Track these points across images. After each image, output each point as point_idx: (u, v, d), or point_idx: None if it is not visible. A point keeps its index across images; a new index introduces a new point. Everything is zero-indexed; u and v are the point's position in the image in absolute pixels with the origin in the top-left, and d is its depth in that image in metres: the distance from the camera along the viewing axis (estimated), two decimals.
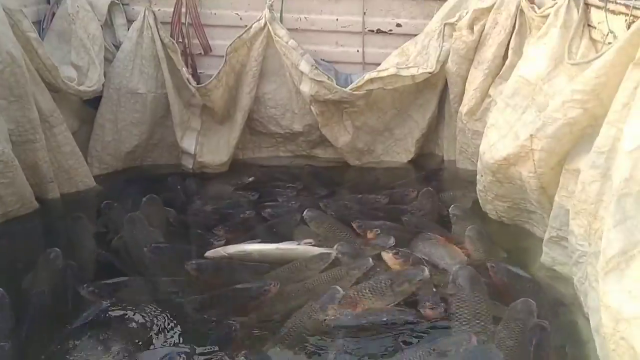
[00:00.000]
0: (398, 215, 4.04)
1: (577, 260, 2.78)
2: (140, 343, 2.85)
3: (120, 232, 3.84)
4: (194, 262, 3.41)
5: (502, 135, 3.43)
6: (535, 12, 3.71)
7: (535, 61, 3.31)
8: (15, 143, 3.99)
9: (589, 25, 3.17)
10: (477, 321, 2.83)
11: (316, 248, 3.61)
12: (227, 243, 3.72)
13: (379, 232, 3.71)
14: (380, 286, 3.07)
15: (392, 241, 3.62)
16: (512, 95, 3.43)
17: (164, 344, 2.84)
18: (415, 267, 3.27)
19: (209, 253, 3.55)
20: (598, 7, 3.06)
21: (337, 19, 5.02)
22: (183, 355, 2.70)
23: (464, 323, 2.85)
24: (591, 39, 3.14)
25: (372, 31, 5.02)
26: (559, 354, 2.73)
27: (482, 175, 3.68)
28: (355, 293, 3.06)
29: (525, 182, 3.26)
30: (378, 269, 3.33)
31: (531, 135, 3.05)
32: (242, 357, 2.67)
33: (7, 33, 3.84)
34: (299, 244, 3.65)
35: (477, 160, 4.45)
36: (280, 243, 3.66)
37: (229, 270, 3.43)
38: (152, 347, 2.84)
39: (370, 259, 3.34)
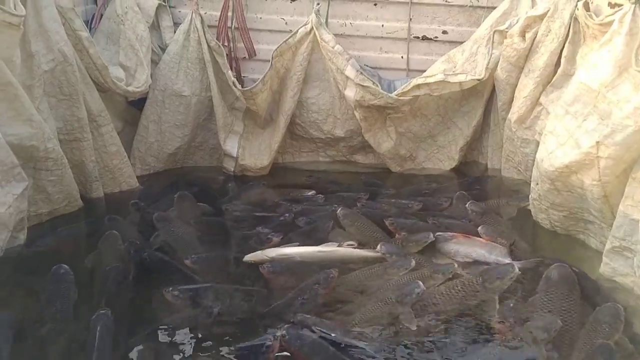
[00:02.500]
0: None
1: None
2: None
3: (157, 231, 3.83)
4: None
5: (560, 142, 3.37)
6: (593, 19, 3.65)
7: (598, 68, 3.25)
8: (63, 141, 4.01)
9: None
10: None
11: (358, 250, 3.57)
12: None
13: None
14: (472, 284, 3.02)
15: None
16: (572, 103, 3.36)
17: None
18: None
19: (249, 257, 3.49)
20: None
21: (382, 25, 5.00)
22: None
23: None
24: None
25: (418, 38, 5.00)
26: None
27: (537, 184, 3.62)
28: (446, 289, 3.02)
29: (587, 191, 3.20)
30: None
31: (597, 143, 3.00)
32: None
33: (59, 31, 3.88)
34: (339, 246, 3.60)
35: (523, 169, 4.44)
36: (321, 245, 3.62)
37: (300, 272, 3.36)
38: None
39: (455, 263, 3.28)
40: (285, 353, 2.67)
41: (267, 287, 3.30)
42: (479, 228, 3.72)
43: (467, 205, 4.08)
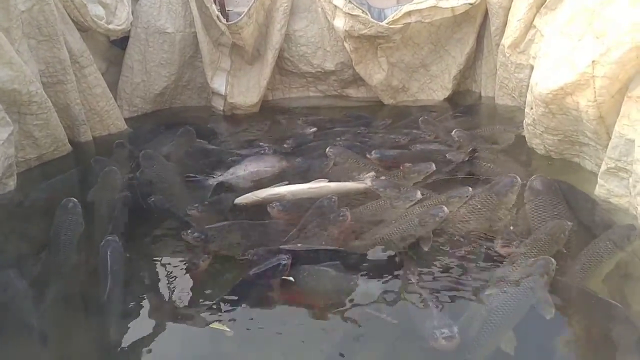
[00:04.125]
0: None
1: None
2: None
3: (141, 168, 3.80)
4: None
5: (556, 64, 3.28)
6: None
7: None
8: (46, 84, 3.92)
9: None
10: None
11: (349, 183, 3.54)
12: None
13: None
14: (490, 199, 3.09)
15: (432, 166, 3.55)
16: (567, 23, 3.26)
17: None
18: (505, 176, 3.26)
19: (240, 199, 3.43)
20: None
21: None
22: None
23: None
24: None
25: None
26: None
27: (532, 108, 3.55)
28: (471, 209, 3.06)
29: (583, 112, 3.14)
30: None
31: (593, 62, 2.92)
32: None
33: None
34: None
35: (517, 95, 4.37)
36: (312, 182, 3.59)
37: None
38: None
39: (470, 188, 3.22)
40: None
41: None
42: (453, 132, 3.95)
43: (453, 133, 4.09)
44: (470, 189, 3.22)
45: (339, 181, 3.53)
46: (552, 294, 2.43)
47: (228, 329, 2.34)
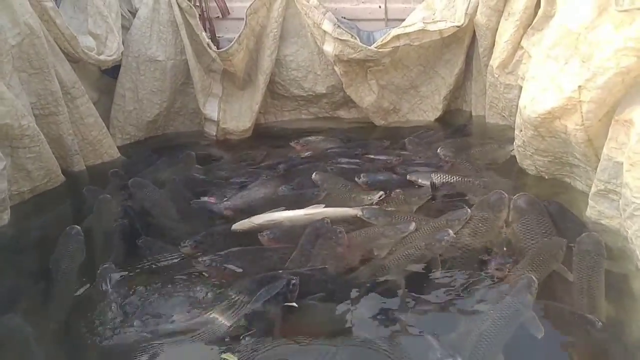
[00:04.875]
0: None
1: (632, 213, 2.71)
2: None
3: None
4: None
5: (543, 87, 3.32)
6: None
7: (578, 9, 3.16)
8: (38, 116, 3.92)
9: None
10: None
11: (346, 209, 3.54)
12: None
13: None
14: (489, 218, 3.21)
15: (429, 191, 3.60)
16: (553, 46, 3.30)
17: None
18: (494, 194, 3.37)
19: (236, 225, 3.44)
20: None
21: None
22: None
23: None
24: None
25: None
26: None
27: (521, 130, 3.58)
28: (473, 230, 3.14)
29: (571, 135, 3.17)
30: None
31: (579, 87, 2.95)
32: None
33: (23, 3, 3.73)
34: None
35: (508, 115, 4.41)
36: (307, 207, 3.60)
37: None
38: None
39: (467, 209, 3.27)
40: None
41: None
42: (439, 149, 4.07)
43: (438, 150, 4.20)
44: (468, 210, 3.25)
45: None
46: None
47: None
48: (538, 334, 2.39)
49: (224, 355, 2.38)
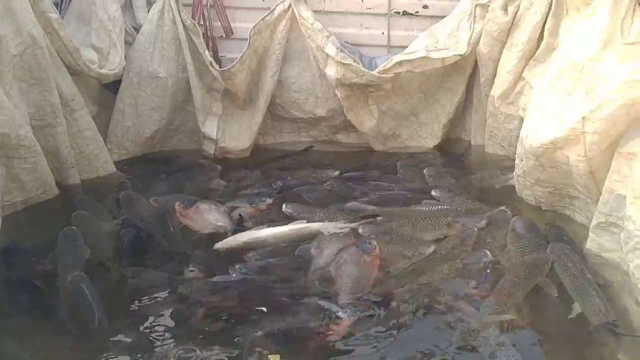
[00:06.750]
0: None
1: (634, 246, 2.68)
2: None
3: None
4: (256, 253, 3.31)
5: (546, 118, 3.32)
6: None
7: (582, 41, 3.19)
8: (35, 127, 3.89)
9: None
10: None
11: (328, 223, 3.56)
12: None
13: None
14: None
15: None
16: (556, 77, 3.32)
17: None
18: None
19: (220, 244, 3.42)
20: None
21: (362, 1, 4.89)
22: None
23: None
24: None
25: (398, 13, 4.90)
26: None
27: (522, 160, 3.58)
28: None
29: (573, 167, 3.16)
30: None
31: (583, 118, 2.95)
32: None
33: (27, 13, 3.73)
34: (308, 222, 3.59)
35: (507, 145, 4.42)
36: (291, 224, 3.57)
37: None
38: None
39: (487, 252, 3.26)
40: None
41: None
42: (432, 191, 3.99)
43: (424, 171, 4.32)
44: (488, 252, 3.24)
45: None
46: None
47: None
48: None
49: (270, 356, 2.45)
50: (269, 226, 3.57)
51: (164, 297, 3.05)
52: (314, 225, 3.52)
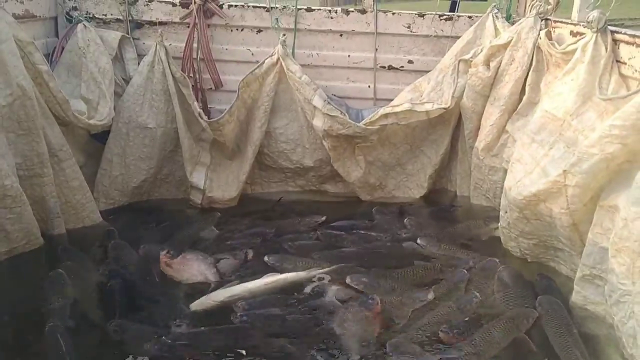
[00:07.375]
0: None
1: (618, 299, 2.70)
2: None
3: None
4: (245, 303, 3.30)
5: (528, 171, 3.39)
6: (556, 48, 3.71)
7: (562, 97, 3.29)
8: (22, 177, 3.86)
9: (617, 61, 3.16)
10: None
11: (302, 272, 3.60)
12: None
13: None
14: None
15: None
16: (538, 131, 3.39)
17: None
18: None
19: (194, 305, 3.35)
20: (627, 42, 3.06)
21: (349, 55, 5.03)
22: None
23: None
24: (621, 74, 3.12)
25: (384, 67, 5.04)
26: None
27: (506, 212, 3.61)
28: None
29: (556, 219, 3.20)
30: None
31: (564, 171, 3.01)
32: None
33: (18, 65, 3.75)
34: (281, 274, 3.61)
35: (492, 197, 4.46)
36: (264, 277, 3.57)
37: None
38: None
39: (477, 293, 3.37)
40: None
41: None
42: (418, 240, 4.07)
43: (405, 220, 4.40)
44: (477, 294, 3.33)
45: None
46: None
47: None
48: None
49: None
50: (242, 281, 3.55)
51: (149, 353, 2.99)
52: (289, 277, 3.55)
